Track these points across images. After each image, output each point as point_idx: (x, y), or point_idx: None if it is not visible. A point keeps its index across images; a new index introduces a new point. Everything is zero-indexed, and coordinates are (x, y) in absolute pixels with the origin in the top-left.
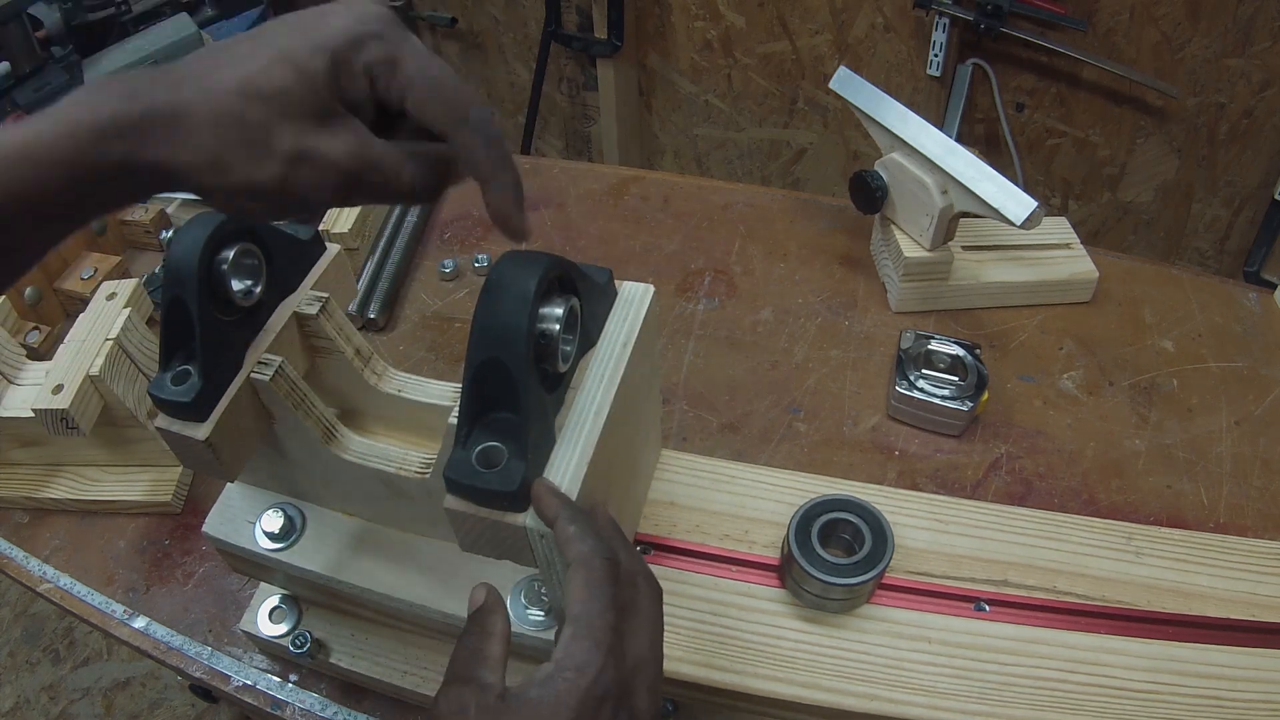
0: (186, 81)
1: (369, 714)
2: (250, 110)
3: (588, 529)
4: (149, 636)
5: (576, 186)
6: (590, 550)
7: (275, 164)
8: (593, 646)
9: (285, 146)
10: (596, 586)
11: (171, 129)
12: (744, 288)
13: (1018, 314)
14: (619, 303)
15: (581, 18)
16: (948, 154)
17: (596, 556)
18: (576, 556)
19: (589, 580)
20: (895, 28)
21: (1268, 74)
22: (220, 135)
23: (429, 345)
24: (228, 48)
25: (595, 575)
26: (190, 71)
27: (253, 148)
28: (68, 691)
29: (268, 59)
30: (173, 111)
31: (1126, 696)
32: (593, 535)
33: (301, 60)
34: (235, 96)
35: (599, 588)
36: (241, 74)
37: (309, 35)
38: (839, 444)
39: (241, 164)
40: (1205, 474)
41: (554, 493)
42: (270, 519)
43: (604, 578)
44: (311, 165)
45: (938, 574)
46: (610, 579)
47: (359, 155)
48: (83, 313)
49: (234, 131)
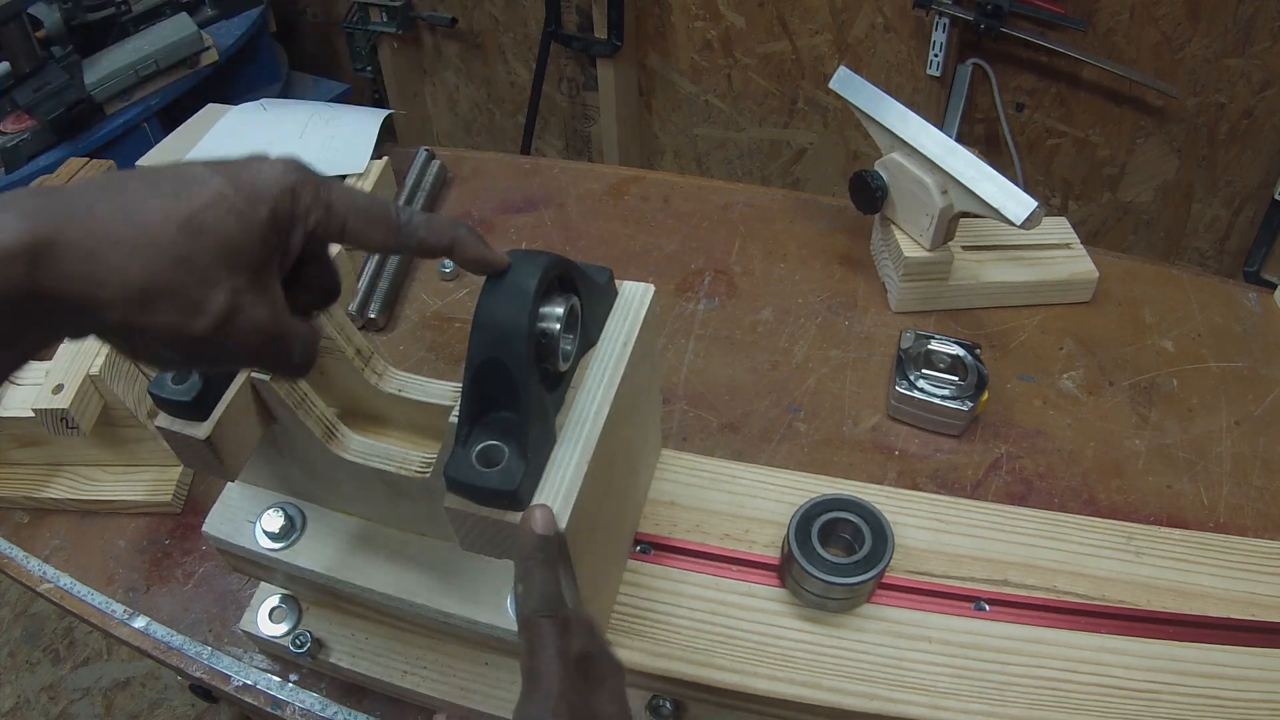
0: (106, 206)
1: (369, 714)
2: (191, 249)
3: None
4: (149, 636)
5: (576, 186)
6: (530, 612)
7: (208, 316)
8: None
9: (221, 299)
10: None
11: (95, 256)
12: (744, 288)
13: (1018, 314)
14: (619, 302)
15: (581, 18)
16: (948, 154)
17: (536, 616)
18: (520, 617)
19: (531, 640)
20: (895, 28)
21: (1268, 74)
22: (153, 270)
23: (429, 345)
24: (148, 179)
25: (538, 633)
26: (107, 196)
27: (188, 291)
28: (68, 691)
29: (208, 199)
30: (96, 235)
31: (1127, 696)
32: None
33: (242, 208)
34: (175, 231)
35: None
36: (181, 209)
37: (245, 183)
38: (839, 444)
39: (172, 307)
40: (1205, 474)
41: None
42: (270, 519)
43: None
44: (239, 325)
45: (938, 574)
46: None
47: (277, 324)
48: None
49: (171, 270)
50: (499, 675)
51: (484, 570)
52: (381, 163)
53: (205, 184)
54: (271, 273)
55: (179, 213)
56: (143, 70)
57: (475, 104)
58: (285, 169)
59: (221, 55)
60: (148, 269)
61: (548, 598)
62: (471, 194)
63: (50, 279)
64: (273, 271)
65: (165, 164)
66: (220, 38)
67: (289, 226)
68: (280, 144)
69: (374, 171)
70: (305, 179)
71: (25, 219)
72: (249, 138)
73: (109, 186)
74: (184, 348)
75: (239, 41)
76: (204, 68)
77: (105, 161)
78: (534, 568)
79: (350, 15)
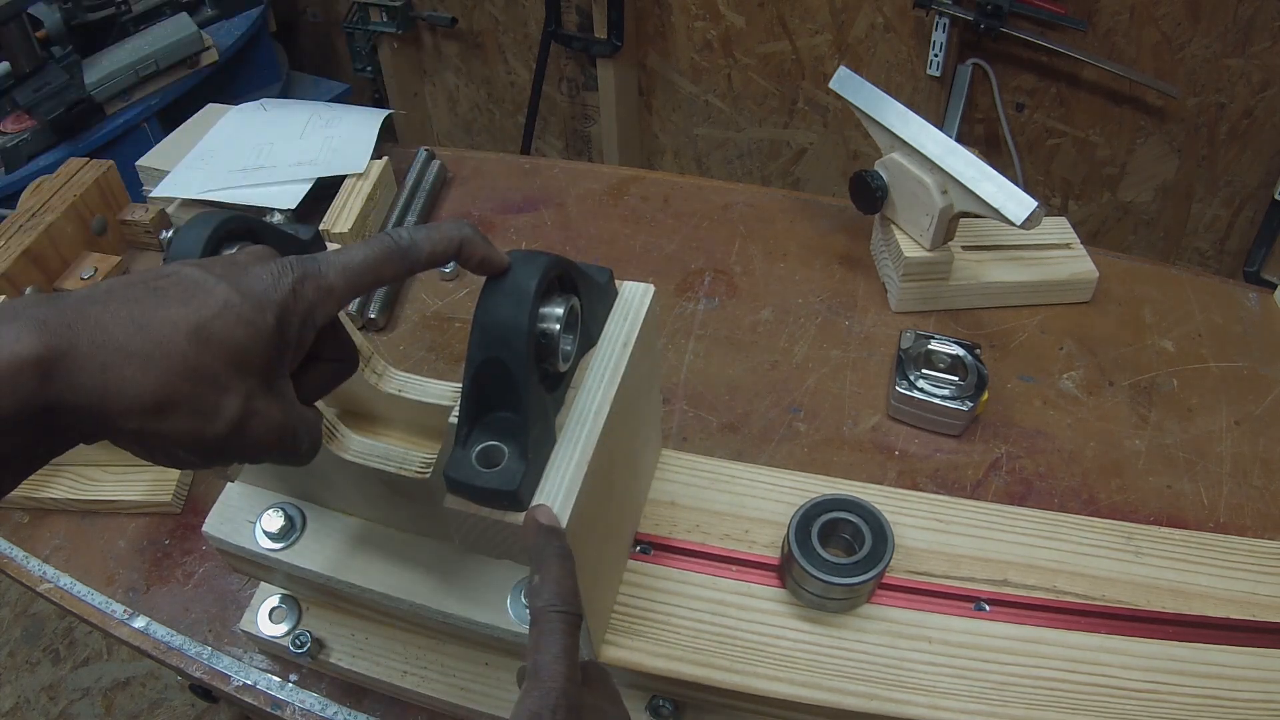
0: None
1: (369, 714)
2: (203, 358)
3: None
4: (149, 636)
5: (576, 186)
6: (544, 605)
7: (223, 421)
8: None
9: (236, 404)
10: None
11: (108, 369)
12: (744, 288)
13: (1018, 314)
14: (619, 302)
15: (581, 18)
16: (948, 154)
17: (549, 610)
18: (532, 609)
19: (540, 634)
20: (895, 28)
21: (1268, 74)
22: (166, 381)
23: (429, 345)
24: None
25: (547, 627)
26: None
27: (201, 400)
28: (68, 691)
29: (216, 309)
30: (108, 348)
31: (1126, 696)
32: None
33: (250, 316)
34: (185, 342)
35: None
36: (190, 319)
37: (249, 290)
38: (839, 444)
39: (188, 414)
40: (1205, 474)
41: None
42: (270, 519)
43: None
44: (253, 427)
45: (938, 574)
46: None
47: (292, 419)
48: None
49: (184, 380)
50: (499, 675)
51: (484, 570)
52: (381, 163)
53: (212, 293)
54: (282, 373)
55: (188, 323)
56: (143, 70)
57: (475, 104)
58: (281, 271)
59: (221, 55)
60: (161, 380)
61: (564, 592)
62: (471, 194)
63: (63, 391)
64: (283, 371)
65: (167, 269)
66: (220, 38)
67: (296, 327)
68: (280, 144)
69: (374, 171)
70: (303, 274)
71: (36, 331)
72: (249, 138)
73: (115, 295)
74: (198, 451)
75: (239, 41)
76: (204, 68)
77: (106, 162)
78: (550, 559)
79: (350, 15)
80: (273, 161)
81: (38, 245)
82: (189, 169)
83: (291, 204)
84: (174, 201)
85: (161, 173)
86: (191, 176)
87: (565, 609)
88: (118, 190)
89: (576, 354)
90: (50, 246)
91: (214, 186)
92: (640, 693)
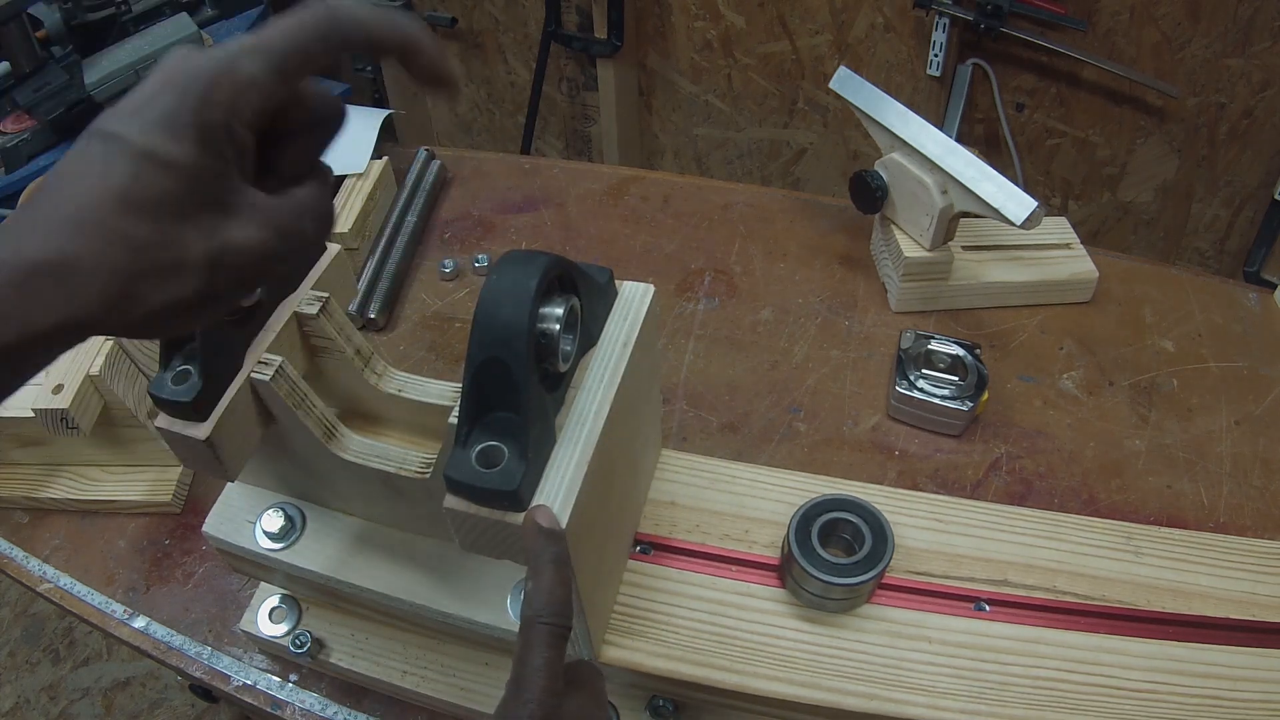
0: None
1: (369, 714)
2: (139, 228)
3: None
4: (149, 636)
5: (576, 186)
6: (532, 614)
7: (193, 275)
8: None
9: (198, 253)
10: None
11: (60, 281)
12: (744, 288)
13: (1018, 314)
14: (619, 302)
15: (581, 18)
16: (948, 154)
17: (536, 620)
18: (522, 618)
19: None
20: (895, 28)
21: (1268, 74)
22: (118, 266)
23: (429, 345)
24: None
25: (533, 637)
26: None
27: (161, 267)
28: (68, 691)
29: (129, 169)
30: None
31: (1126, 696)
32: (544, 597)
33: (168, 157)
34: (117, 217)
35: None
36: (107, 189)
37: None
38: (839, 444)
39: (155, 288)
40: (1205, 474)
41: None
42: (270, 519)
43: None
44: (231, 261)
45: (938, 574)
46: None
47: (275, 229)
48: None
49: (132, 257)
50: (499, 675)
51: (484, 570)
52: (381, 163)
53: (125, 147)
54: (234, 188)
55: (109, 196)
56: (143, 70)
57: (475, 104)
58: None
59: None
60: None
61: (555, 603)
62: (471, 194)
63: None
64: (234, 186)
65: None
66: (220, 38)
67: (226, 140)
68: None
69: (374, 171)
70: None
71: None
72: None
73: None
74: (190, 311)
75: None
76: None
77: None
78: (545, 567)
79: None
80: None
81: None
82: None
83: None
84: None
85: None
86: None
87: (553, 621)
88: None
89: (576, 354)
90: None
91: None
92: (640, 693)
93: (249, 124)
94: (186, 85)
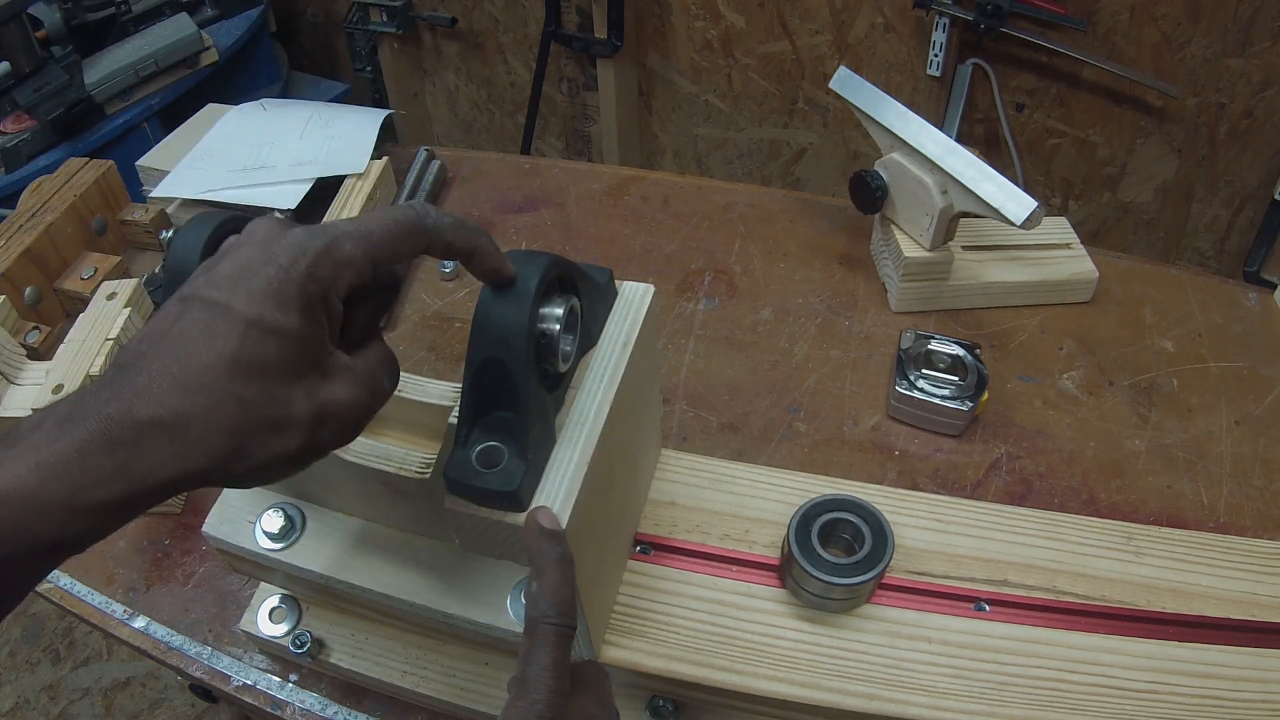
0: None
1: (369, 714)
2: (250, 389)
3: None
4: (149, 636)
5: (576, 186)
6: (539, 614)
7: (298, 432)
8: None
9: (303, 412)
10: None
11: (173, 439)
12: (744, 288)
13: (1018, 314)
14: (619, 303)
15: (581, 18)
16: (948, 154)
17: (543, 622)
18: (527, 619)
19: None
20: (895, 28)
21: (1268, 74)
22: (230, 425)
23: (429, 345)
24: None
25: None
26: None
27: (269, 425)
28: (68, 691)
29: (240, 335)
30: (164, 421)
31: (1126, 696)
32: (550, 598)
33: (274, 325)
34: (228, 379)
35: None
36: (223, 353)
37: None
38: (839, 444)
39: (263, 444)
40: (1205, 474)
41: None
42: (270, 519)
43: (548, 641)
44: (332, 413)
45: (938, 574)
46: (554, 643)
47: (366, 388)
48: (83, 313)
49: (243, 416)
50: (499, 675)
51: (484, 570)
52: (381, 163)
53: (231, 316)
54: (328, 352)
55: (223, 360)
56: (143, 70)
57: (475, 104)
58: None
59: (221, 55)
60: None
61: (560, 603)
62: (471, 194)
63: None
64: (330, 349)
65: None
66: (220, 38)
67: (323, 310)
68: (280, 144)
69: (374, 171)
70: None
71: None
72: (249, 138)
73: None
74: (299, 461)
75: (239, 41)
76: (204, 68)
77: (106, 162)
78: (549, 567)
79: (350, 15)
80: (273, 161)
81: (38, 245)
82: (189, 169)
83: (291, 204)
84: (174, 201)
85: (161, 173)
86: (191, 176)
87: (559, 621)
88: (118, 190)
89: (576, 354)
90: (50, 246)
91: (214, 186)
92: (640, 693)
93: (342, 297)
94: (292, 259)
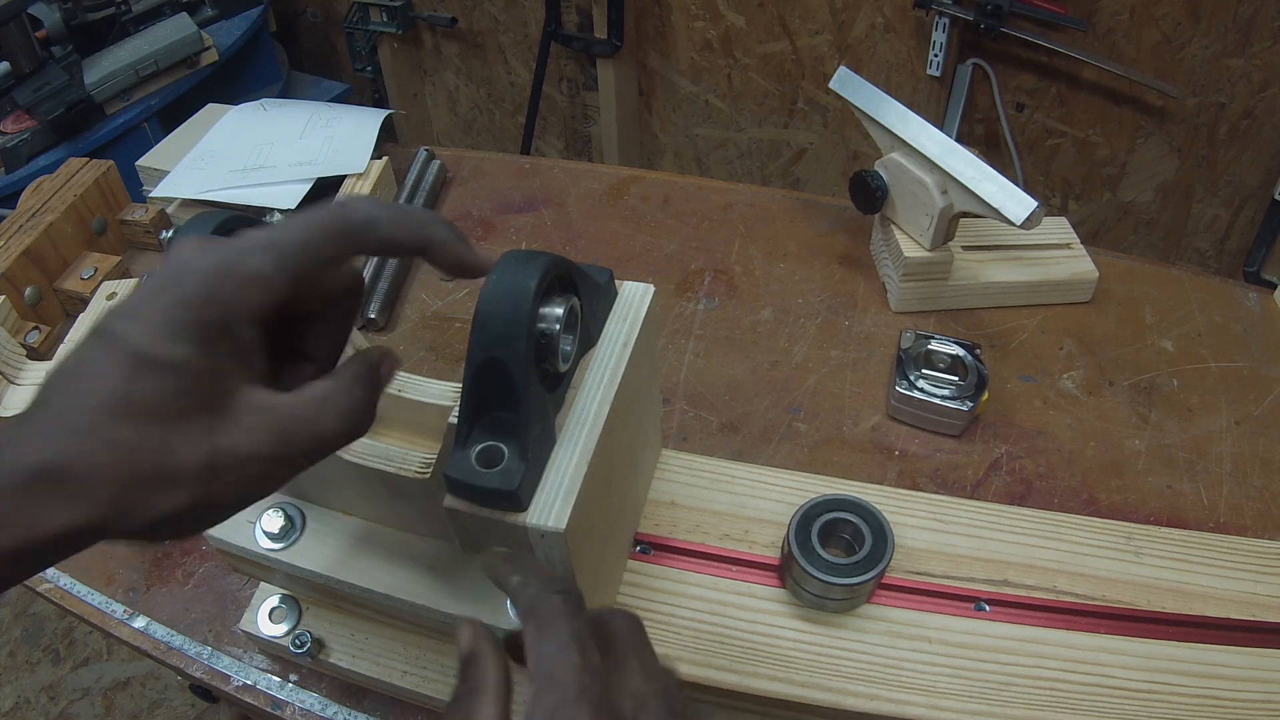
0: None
1: (369, 714)
2: (131, 434)
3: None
4: (149, 636)
5: (576, 186)
6: (536, 592)
7: (187, 485)
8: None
9: (188, 461)
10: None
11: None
12: (744, 288)
13: (1018, 314)
14: (619, 302)
15: (581, 18)
16: (948, 154)
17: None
18: (524, 604)
19: (539, 625)
20: (895, 28)
21: (1268, 74)
22: (113, 474)
23: (429, 345)
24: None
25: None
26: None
27: (152, 475)
28: (68, 691)
29: (125, 366)
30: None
31: (1126, 696)
32: (539, 576)
33: (164, 359)
34: (109, 422)
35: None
36: (102, 391)
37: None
38: (839, 444)
39: (148, 498)
40: (1205, 474)
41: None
42: (270, 519)
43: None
44: (229, 469)
45: (938, 574)
46: (565, 614)
47: (277, 430)
48: (83, 313)
49: (128, 464)
50: None
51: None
52: (381, 163)
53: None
54: (233, 388)
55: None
56: (143, 70)
57: (475, 104)
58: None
59: (221, 55)
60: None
61: (550, 577)
62: (471, 194)
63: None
64: (234, 385)
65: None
66: (220, 38)
67: (223, 339)
68: (280, 144)
69: (374, 171)
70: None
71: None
72: (249, 138)
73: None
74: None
75: (239, 41)
76: (204, 68)
77: (105, 162)
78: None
79: (350, 15)
80: (273, 161)
81: (38, 245)
82: (189, 169)
83: (291, 204)
84: (174, 201)
85: (161, 173)
86: (191, 176)
87: (561, 589)
88: (118, 190)
89: (576, 354)
90: (50, 246)
91: (214, 186)
92: None
93: (252, 321)
94: (187, 282)
